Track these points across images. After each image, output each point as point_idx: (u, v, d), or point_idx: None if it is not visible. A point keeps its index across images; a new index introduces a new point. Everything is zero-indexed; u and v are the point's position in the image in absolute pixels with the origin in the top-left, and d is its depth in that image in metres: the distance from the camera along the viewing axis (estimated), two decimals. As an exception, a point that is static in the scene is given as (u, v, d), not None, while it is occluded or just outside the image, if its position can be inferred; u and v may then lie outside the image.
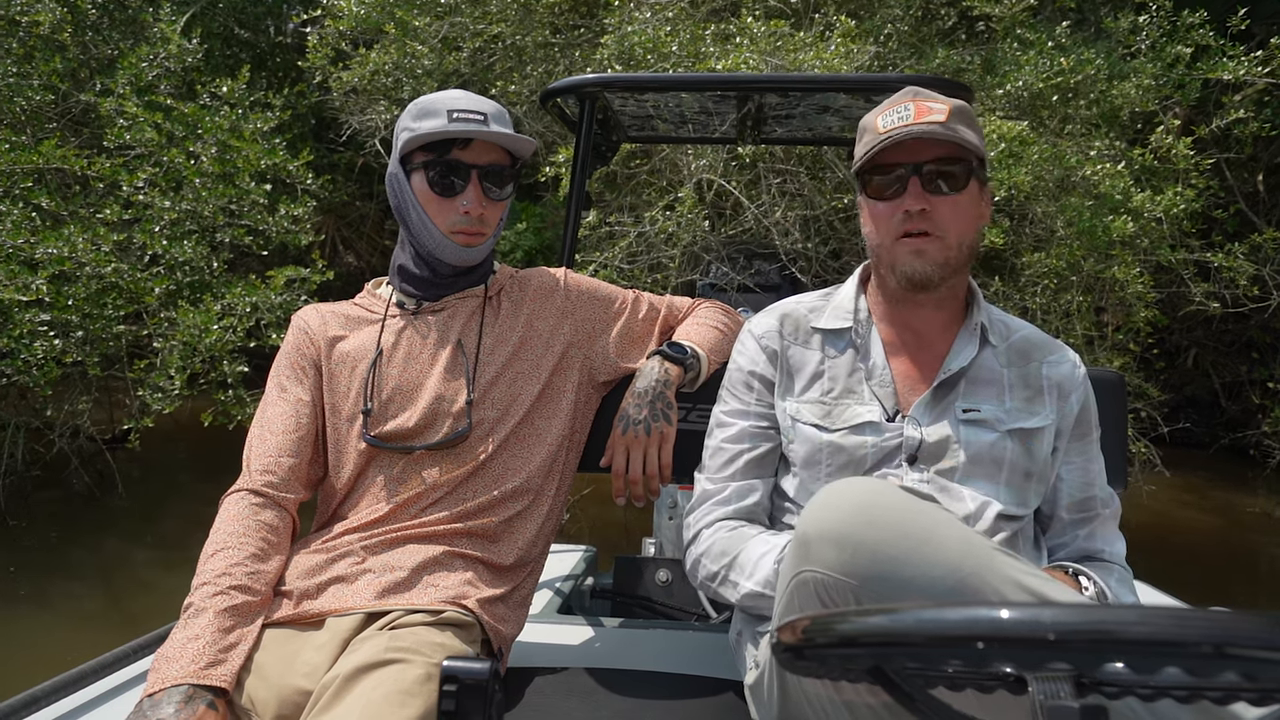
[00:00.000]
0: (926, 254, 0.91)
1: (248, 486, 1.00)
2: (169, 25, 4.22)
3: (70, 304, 3.34)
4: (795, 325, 1.03)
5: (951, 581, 0.64)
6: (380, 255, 6.92)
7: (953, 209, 0.91)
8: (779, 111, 1.67)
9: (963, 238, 0.92)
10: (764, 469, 1.01)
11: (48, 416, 4.28)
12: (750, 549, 0.92)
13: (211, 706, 0.80)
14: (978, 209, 0.94)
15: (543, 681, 1.03)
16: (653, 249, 3.79)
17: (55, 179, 3.99)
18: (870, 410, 0.95)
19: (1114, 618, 0.42)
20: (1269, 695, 0.43)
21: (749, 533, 0.95)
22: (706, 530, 0.98)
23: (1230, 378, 5.82)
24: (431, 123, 1.02)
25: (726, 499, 0.99)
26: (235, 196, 3.80)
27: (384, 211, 6.93)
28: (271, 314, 3.64)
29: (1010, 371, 0.96)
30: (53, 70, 4.02)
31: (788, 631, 0.52)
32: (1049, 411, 0.95)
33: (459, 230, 1.05)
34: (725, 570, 0.93)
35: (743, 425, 1.01)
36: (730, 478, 1.00)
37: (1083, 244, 3.56)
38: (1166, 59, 3.98)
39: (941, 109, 0.90)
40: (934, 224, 0.91)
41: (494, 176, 1.05)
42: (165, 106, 3.90)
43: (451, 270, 1.10)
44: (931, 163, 0.90)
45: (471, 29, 4.50)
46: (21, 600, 3.11)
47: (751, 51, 3.52)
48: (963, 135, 0.89)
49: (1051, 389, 0.96)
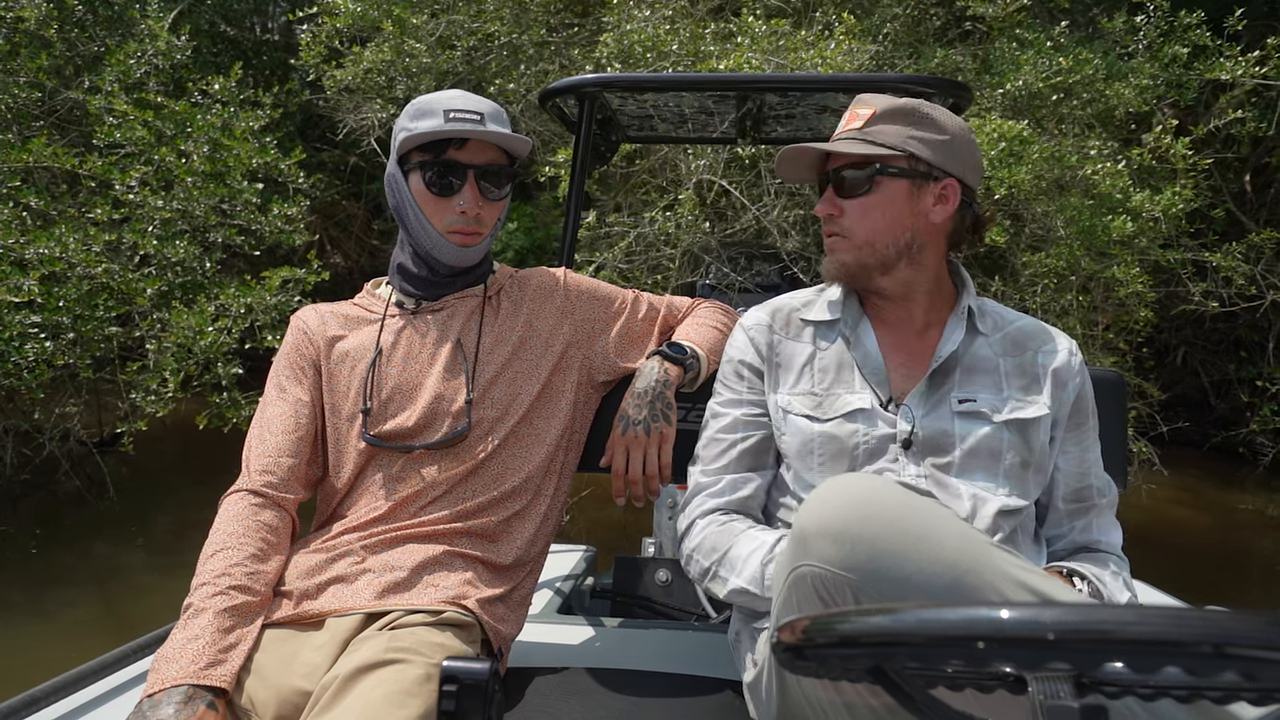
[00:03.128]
0: (835, 252, 0.98)
1: (247, 487, 1.00)
2: (157, 22, 4.18)
3: (61, 305, 3.30)
4: (786, 319, 1.03)
5: (949, 578, 0.65)
6: (369, 255, 6.87)
7: (860, 211, 0.95)
8: (779, 111, 1.68)
9: (873, 237, 0.95)
10: (758, 459, 1.00)
11: (36, 420, 4.24)
12: (739, 546, 0.93)
13: (211, 707, 0.80)
14: (898, 207, 0.94)
15: (543, 681, 1.03)
16: (650, 249, 3.79)
17: (43, 178, 3.95)
18: (861, 398, 0.95)
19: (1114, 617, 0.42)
20: (1269, 695, 0.43)
21: (739, 528, 0.95)
22: (700, 522, 0.98)
23: (1219, 376, 5.87)
24: (428, 123, 1.02)
25: (719, 491, 0.99)
26: (227, 196, 3.77)
27: (372, 211, 6.89)
28: (266, 315, 3.61)
29: (1006, 361, 0.97)
30: (39, 67, 3.98)
31: (788, 631, 0.53)
32: (1045, 400, 0.95)
33: (455, 230, 1.05)
34: (715, 566, 0.94)
35: (735, 414, 1.01)
36: (724, 469, 1.00)
37: (1082, 244, 3.57)
38: (1164, 59, 4.00)
39: (865, 114, 0.95)
40: (840, 226, 0.97)
41: (491, 176, 1.05)
42: (155, 104, 3.86)
43: (449, 270, 1.09)
44: (844, 168, 0.95)
45: (466, 27, 4.48)
46: (13, 607, 3.07)
47: (754, 51, 3.52)
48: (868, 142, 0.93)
49: (1048, 377, 0.96)
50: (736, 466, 1.00)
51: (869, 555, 0.66)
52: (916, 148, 0.92)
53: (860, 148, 0.93)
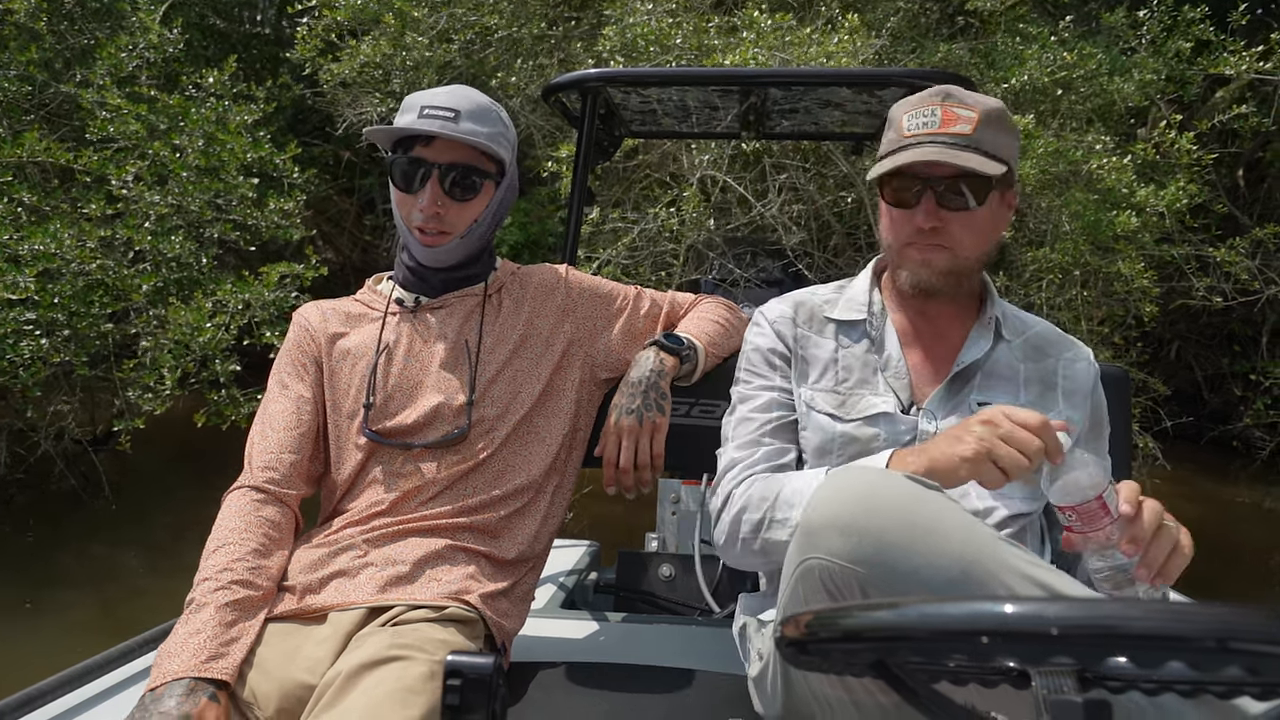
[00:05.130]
0: (933, 264, 0.92)
1: (250, 483, 1.00)
2: (148, 14, 4.14)
3: (56, 302, 3.28)
4: (810, 314, 1.02)
5: (956, 571, 0.65)
6: (361, 251, 6.82)
7: (966, 223, 0.90)
8: (782, 106, 1.67)
9: (975, 250, 0.92)
10: (791, 436, 0.97)
11: (29, 418, 4.21)
12: (791, 483, 0.88)
13: (213, 699, 0.80)
14: (995, 220, 0.93)
15: (546, 676, 1.03)
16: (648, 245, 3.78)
17: (35, 173, 3.91)
18: (885, 401, 0.94)
19: (1117, 612, 0.42)
20: (1272, 689, 0.44)
21: (789, 474, 0.91)
22: (739, 488, 0.93)
23: (1212, 370, 5.89)
24: (405, 118, 1.03)
25: (756, 461, 0.95)
26: (222, 191, 3.75)
27: (364, 207, 6.86)
28: (265, 311, 3.59)
29: (1026, 367, 0.97)
30: (29, 60, 3.94)
31: (791, 626, 0.53)
32: (1061, 409, 0.95)
33: (418, 227, 1.05)
34: (769, 512, 0.87)
35: (769, 395, 0.99)
36: (757, 442, 0.96)
37: (1087, 239, 3.57)
38: (1167, 54, 3.99)
39: (970, 117, 0.88)
40: (946, 237, 0.91)
41: (457, 176, 1.03)
42: (149, 98, 3.83)
43: (432, 267, 1.09)
44: (948, 179, 0.89)
45: (464, 20, 4.45)
46: (8, 608, 3.06)
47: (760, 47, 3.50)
48: (983, 153, 0.87)
49: (1067, 391, 0.96)
50: (771, 439, 0.97)
51: (876, 548, 0.66)
52: (1013, 157, 0.91)
53: (984, 164, 0.86)
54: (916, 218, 0.90)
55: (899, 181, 0.92)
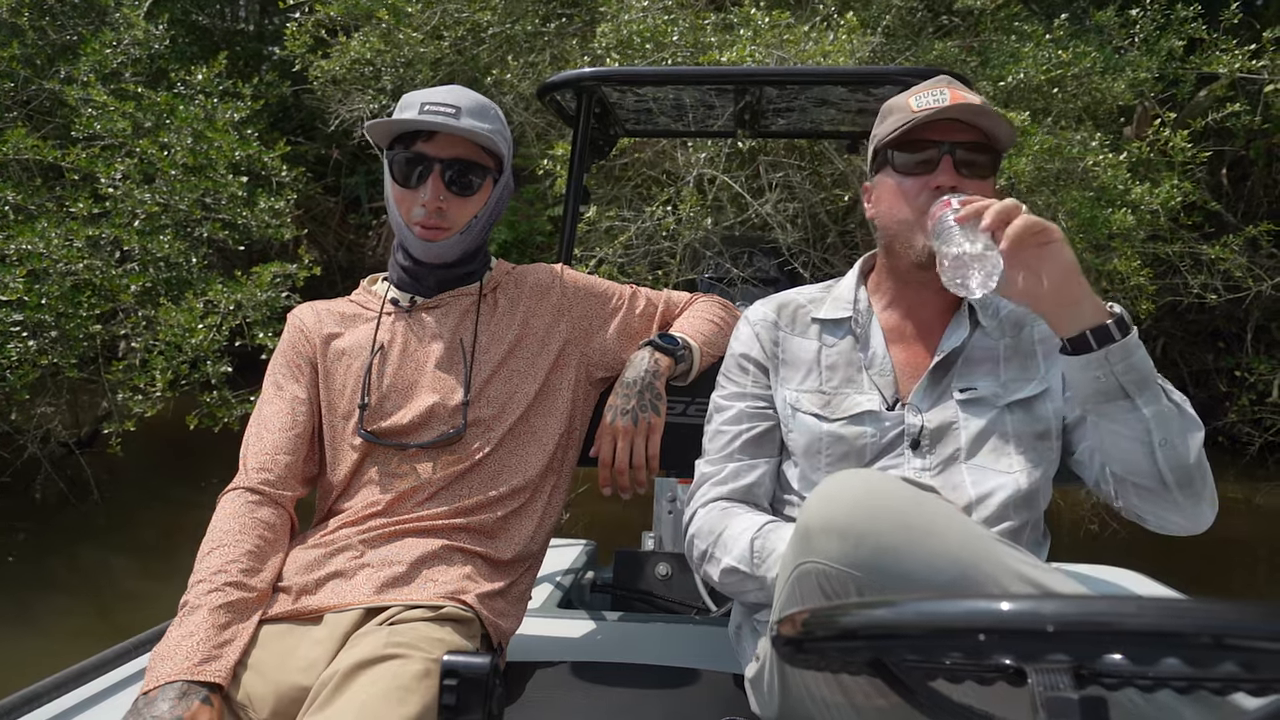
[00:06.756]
0: None
1: (244, 484, 0.99)
2: (132, 10, 4.09)
3: (44, 303, 3.24)
4: (792, 315, 1.03)
5: (953, 573, 0.65)
6: (346, 250, 6.77)
7: (982, 191, 0.91)
8: (778, 104, 1.67)
9: None
10: (762, 448, 1.00)
11: (14, 421, 4.15)
12: (733, 526, 0.92)
13: (206, 702, 0.80)
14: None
15: (543, 675, 1.03)
16: (644, 243, 3.77)
17: (17, 170, 3.85)
18: (869, 399, 0.95)
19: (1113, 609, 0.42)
20: (1268, 686, 0.44)
21: (737, 512, 0.95)
22: (701, 510, 0.98)
23: (1198, 366, 5.95)
24: (405, 115, 1.03)
25: (723, 479, 0.99)
26: (211, 189, 3.71)
27: (349, 206, 6.81)
28: (257, 311, 3.55)
29: (1004, 343, 0.97)
30: (11, 56, 3.88)
31: (788, 624, 0.53)
32: (1042, 374, 0.95)
33: (418, 222, 1.05)
34: (711, 547, 0.93)
35: (739, 407, 1.01)
36: (727, 458, 0.99)
37: (1084, 236, 3.59)
38: (1160, 53, 4.02)
39: (976, 98, 0.91)
40: None
41: (459, 171, 1.04)
42: (135, 95, 3.78)
43: (428, 265, 1.09)
44: (964, 146, 0.91)
45: (456, 16, 4.42)
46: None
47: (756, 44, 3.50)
48: (995, 122, 0.90)
49: (1047, 350, 0.96)
50: (740, 454, 1.00)
51: (873, 551, 0.67)
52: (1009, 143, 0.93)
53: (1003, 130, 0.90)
54: (936, 178, 0.90)
55: (909, 154, 0.92)
